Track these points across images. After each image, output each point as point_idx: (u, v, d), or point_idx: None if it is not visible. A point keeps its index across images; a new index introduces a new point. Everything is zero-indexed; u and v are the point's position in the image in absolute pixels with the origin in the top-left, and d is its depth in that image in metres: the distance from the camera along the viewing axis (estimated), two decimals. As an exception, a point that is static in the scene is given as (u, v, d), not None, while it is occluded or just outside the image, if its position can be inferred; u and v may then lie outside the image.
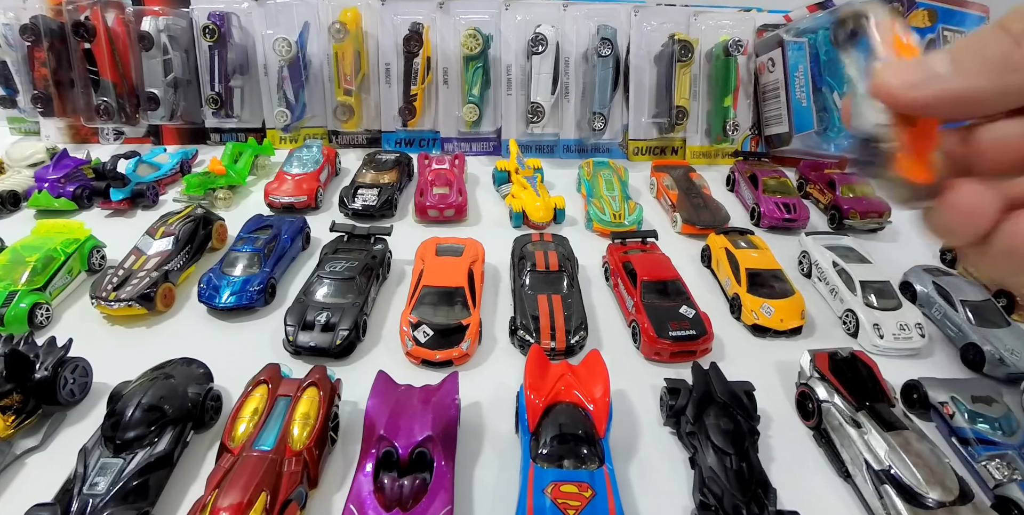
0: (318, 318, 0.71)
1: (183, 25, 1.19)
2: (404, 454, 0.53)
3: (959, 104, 0.21)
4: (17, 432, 0.58)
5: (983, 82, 0.20)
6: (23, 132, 1.29)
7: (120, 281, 0.75)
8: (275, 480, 0.50)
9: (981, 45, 0.21)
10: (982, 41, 0.21)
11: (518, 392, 0.61)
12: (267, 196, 1.00)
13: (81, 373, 0.64)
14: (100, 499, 0.49)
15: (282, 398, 0.57)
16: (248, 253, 0.81)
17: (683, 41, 1.15)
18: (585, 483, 0.51)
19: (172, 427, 0.55)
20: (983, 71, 0.20)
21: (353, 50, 1.15)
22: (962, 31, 1.21)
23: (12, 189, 1.00)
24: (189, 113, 1.23)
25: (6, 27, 1.16)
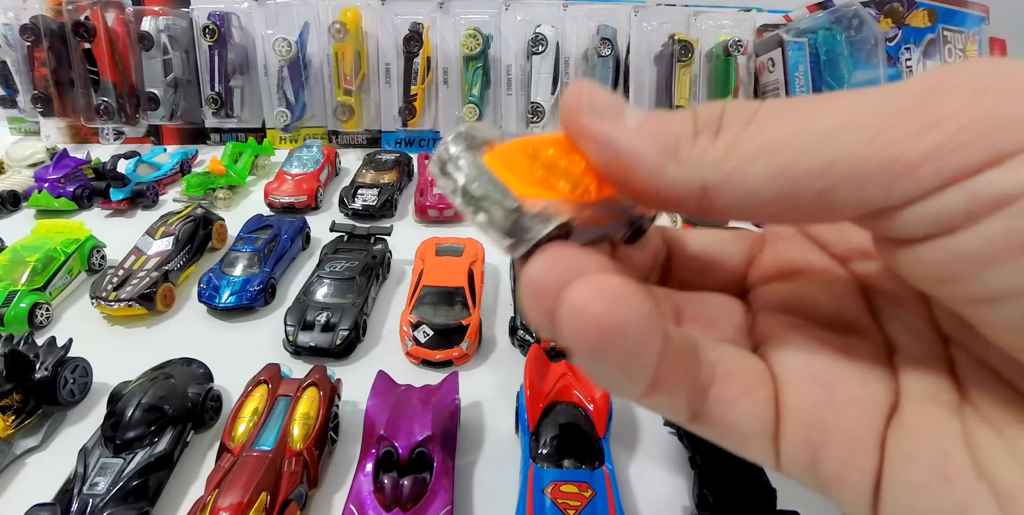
0: (318, 318, 0.71)
1: (183, 25, 1.19)
2: (404, 454, 0.53)
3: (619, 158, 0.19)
4: (17, 432, 0.58)
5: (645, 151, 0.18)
6: (23, 132, 1.29)
7: (120, 281, 0.75)
8: (275, 480, 0.50)
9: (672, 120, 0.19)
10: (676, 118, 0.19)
11: (518, 392, 0.61)
12: (267, 196, 1.00)
13: (81, 373, 0.64)
14: (100, 499, 0.49)
15: (282, 398, 0.57)
16: (248, 253, 0.81)
17: (683, 41, 1.15)
18: (585, 483, 0.51)
19: (172, 427, 0.56)
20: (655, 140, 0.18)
21: (353, 50, 1.15)
22: (962, 31, 1.21)
23: (12, 189, 1.00)
24: (189, 113, 1.23)
25: (6, 27, 1.16)
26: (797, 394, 0.19)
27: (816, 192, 0.16)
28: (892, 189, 0.15)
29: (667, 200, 0.18)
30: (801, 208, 0.17)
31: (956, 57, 1.21)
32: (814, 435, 0.18)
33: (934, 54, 1.20)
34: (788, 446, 0.19)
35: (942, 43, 1.20)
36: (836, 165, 0.16)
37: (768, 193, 0.16)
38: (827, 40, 1.14)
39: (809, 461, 0.18)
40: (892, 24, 1.18)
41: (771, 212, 0.17)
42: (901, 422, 0.18)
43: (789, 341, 0.21)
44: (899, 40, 1.19)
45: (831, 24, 1.15)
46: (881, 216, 0.16)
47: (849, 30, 1.14)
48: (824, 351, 0.20)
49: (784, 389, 0.19)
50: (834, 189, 0.16)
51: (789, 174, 0.16)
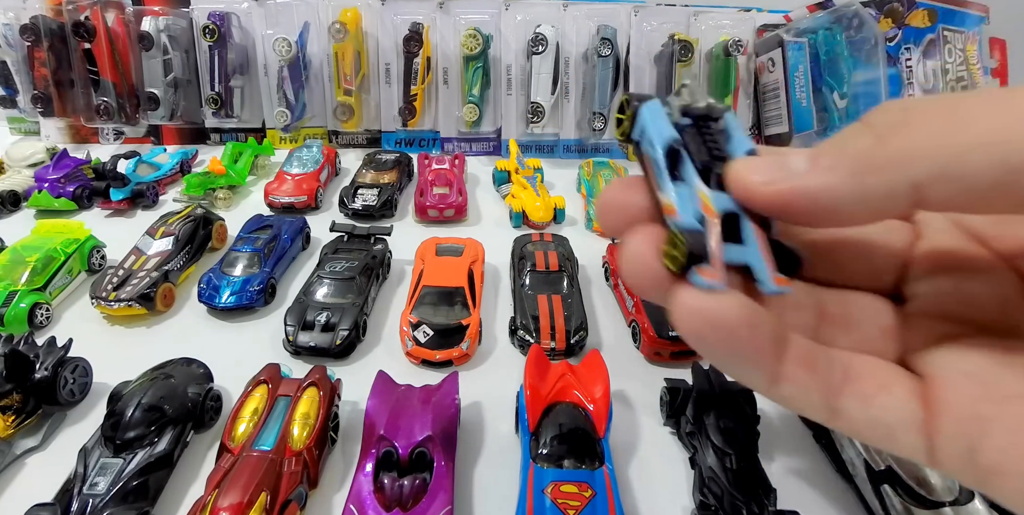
0: (318, 318, 0.71)
1: (183, 25, 1.19)
2: (404, 454, 0.53)
3: (816, 204, 0.18)
4: (17, 432, 0.58)
5: (839, 181, 0.18)
6: (23, 132, 1.29)
7: (120, 281, 0.75)
8: (275, 480, 0.50)
9: (842, 142, 0.19)
10: (844, 138, 0.19)
11: (518, 392, 0.61)
12: (267, 196, 1.00)
13: (81, 373, 0.64)
14: (100, 499, 0.49)
15: (282, 398, 0.57)
16: (248, 253, 0.81)
17: (683, 41, 1.15)
18: (585, 483, 0.51)
19: (172, 427, 0.55)
20: (840, 169, 0.18)
21: (353, 50, 1.15)
22: (962, 31, 1.21)
23: (12, 189, 1.00)
24: (189, 113, 1.23)
25: (6, 27, 1.16)
26: (952, 390, 0.19)
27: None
28: None
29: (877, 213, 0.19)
30: (1016, 197, 0.16)
31: (956, 57, 1.21)
32: (971, 427, 0.19)
33: (934, 54, 1.20)
34: (944, 439, 0.19)
35: (942, 43, 1.20)
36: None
37: (986, 183, 0.16)
38: (827, 40, 1.14)
39: (967, 453, 0.19)
40: (892, 24, 1.18)
41: (988, 201, 0.17)
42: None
43: (944, 342, 0.21)
44: (899, 40, 1.19)
45: (831, 24, 1.15)
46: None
47: (849, 30, 1.14)
48: (982, 350, 0.20)
49: (936, 386, 0.20)
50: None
51: (1011, 163, 0.16)
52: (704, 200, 0.20)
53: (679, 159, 0.21)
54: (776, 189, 0.19)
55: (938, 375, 0.20)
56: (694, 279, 0.19)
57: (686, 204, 0.20)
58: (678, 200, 0.20)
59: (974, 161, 0.16)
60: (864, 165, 0.18)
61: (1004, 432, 0.18)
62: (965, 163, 0.16)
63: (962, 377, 0.19)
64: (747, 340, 0.18)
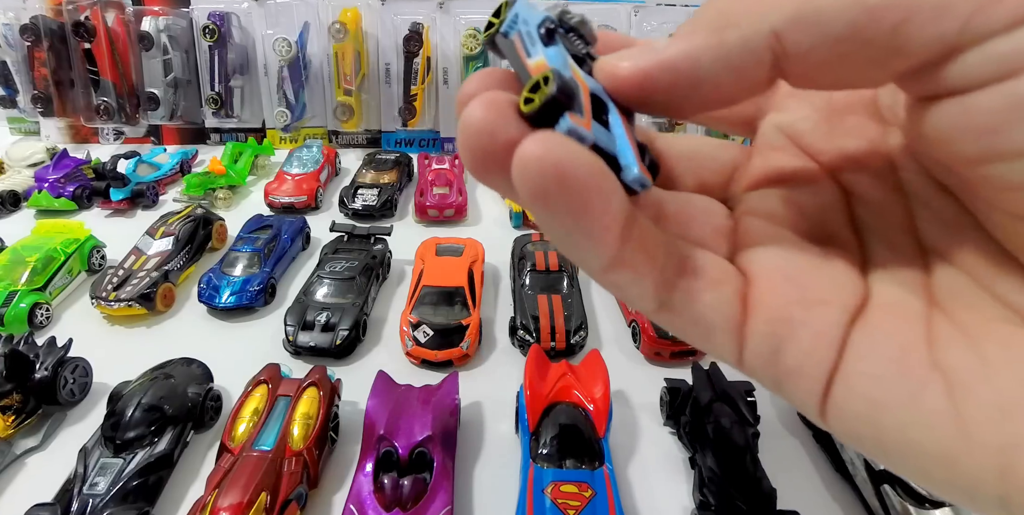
0: (318, 318, 0.71)
1: (183, 25, 1.19)
2: (404, 454, 0.53)
3: (678, 74, 0.18)
4: (17, 432, 0.58)
5: (698, 42, 0.17)
6: (23, 132, 1.29)
7: (120, 281, 0.75)
8: (275, 480, 0.50)
9: (699, 12, 0.18)
10: (704, 5, 0.18)
11: (518, 392, 0.61)
12: (267, 196, 1.00)
13: (81, 373, 0.64)
14: (100, 499, 0.49)
15: (282, 398, 0.57)
16: (248, 253, 0.81)
17: (683, 41, 1.15)
18: (585, 483, 0.51)
19: (172, 427, 0.56)
20: (699, 31, 0.18)
21: (353, 50, 1.15)
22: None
23: (12, 189, 1.00)
24: (189, 113, 1.23)
25: (6, 27, 1.16)
26: (769, 291, 0.19)
27: (893, 23, 0.16)
28: (970, 21, 0.15)
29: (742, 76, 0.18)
30: (874, 46, 0.16)
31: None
32: (780, 328, 0.19)
33: (934, 54, 1.20)
34: (753, 339, 0.19)
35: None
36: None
37: (842, 26, 0.16)
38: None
39: (771, 354, 0.19)
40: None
41: (844, 51, 0.16)
42: (866, 322, 0.19)
43: (768, 244, 0.21)
44: (899, 40, 1.19)
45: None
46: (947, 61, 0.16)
47: (849, 30, 1.14)
48: (801, 255, 0.20)
49: (756, 286, 0.20)
50: (911, 19, 0.15)
51: (866, 2, 0.16)
52: (574, 70, 0.19)
53: (553, 38, 0.20)
54: (638, 65, 0.18)
55: (759, 275, 0.20)
56: (561, 122, 0.16)
57: (559, 63, 0.18)
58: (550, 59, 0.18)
59: (829, 3, 0.16)
60: (722, 20, 0.17)
61: (808, 335, 0.19)
62: (820, 3, 0.16)
63: (780, 279, 0.20)
64: (598, 207, 0.17)
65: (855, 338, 0.18)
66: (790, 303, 0.19)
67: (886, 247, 0.21)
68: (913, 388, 0.17)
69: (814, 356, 0.18)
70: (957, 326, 0.18)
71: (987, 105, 0.15)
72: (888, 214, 0.21)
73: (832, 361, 0.18)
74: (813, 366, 0.18)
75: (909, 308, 0.19)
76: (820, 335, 0.18)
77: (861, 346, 0.18)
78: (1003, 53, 0.15)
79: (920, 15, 0.15)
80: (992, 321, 0.17)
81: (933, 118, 0.17)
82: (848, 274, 0.20)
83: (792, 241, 0.21)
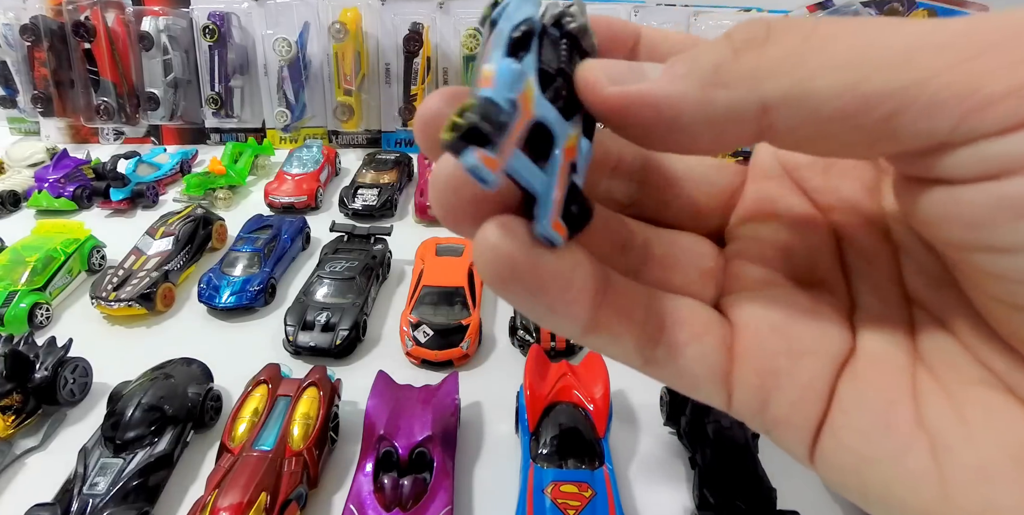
0: (318, 318, 0.71)
1: (183, 25, 1.19)
2: (404, 454, 0.53)
3: (659, 113, 0.17)
4: (17, 432, 0.58)
5: (686, 90, 0.17)
6: (23, 132, 1.29)
7: (120, 281, 0.75)
8: (275, 480, 0.50)
9: (700, 53, 0.18)
10: (703, 50, 0.18)
11: (518, 392, 0.62)
12: (267, 196, 1.00)
13: (81, 373, 0.64)
14: (100, 499, 0.49)
15: (282, 398, 0.57)
16: (248, 253, 0.81)
17: (683, 41, 1.15)
18: (585, 483, 0.51)
19: (172, 427, 0.56)
20: (691, 78, 0.17)
21: (353, 50, 1.15)
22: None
23: (12, 189, 1.00)
24: (189, 113, 1.23)
25: (6, 27, 1.16)
26: (755, 341, 0.19)
27: (884, 114, 0.15)
28: (962, 121, 0.15)
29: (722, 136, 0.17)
30: (864, 131, 0.16)
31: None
32: (767, 380, 0.19)
33: (934, 54, 1.20)
34: (741, 389, 0.19)
35: (942, 43, 1.20)
36: (911, 89, 0.15)
37: (833, 109, 0.16)
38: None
39: (759, 405, 0.19)
40: (892, 24, 1.18)
41: (833, 132, 0.16)
42: (853, 374, 0.19)
43: (756, 289, 0.21)
44: (899, 40, 1.19)
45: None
46: (938, 152, 0.15)
47: (849, 30, 1.14)
48: (789, 302, 0.20)
49: (742, 335, 0.20)
50: (903, 113, 0.15)
51: (860, 90, 0.15)
52: (527, 92, 0.16)
53: (527, 45, 0.17)
54: (622, 90, 0.17)
55: (745, 324, 0.20)
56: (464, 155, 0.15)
57: (506, 81, 0.16)
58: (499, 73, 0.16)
59: (823, 84, 0.16)
60: (715, 77, 0.17)
61: (795, 387, 0.19)
62: (814, 85, 0.16)
63: (767, 328, 0.20)
64: (555, 289, 0.17)
65: (842, 390, 0.19)
66: (777, 354, 0.19)
67: (874, 295, 0.21)
68: (899, 446, 0.17)
69: (802, 408, 0.19)
70: (940, 384, 0.18)
71: (976, 200, 0.15)
72: (877, 261, 0.21)
73: (820, 413, 0.19)
74: (801, 417, 0.19)
75: (894, 361, 0.19)
76: (807, 387, 0.19)
77: (848, 399, 0.18)
78: (994, 155, 0.15)
79: (913, 109, 0.15)
80: (973, 384, 0.18)
81: (921, 199, 0.17)
82: (835, 323, 0.20)
83: (780, 285, 0.21)
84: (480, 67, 0.16)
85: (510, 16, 0.18)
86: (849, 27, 0.16)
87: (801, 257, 0.22)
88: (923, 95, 0.15)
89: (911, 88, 0.15)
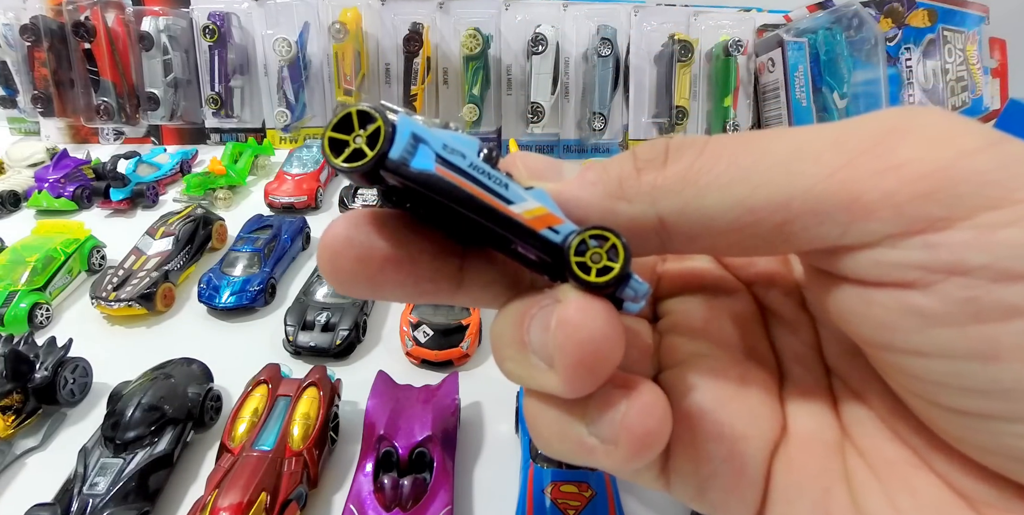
0: (318, 318, 0.71)
1: (183, 25, 1.19)
2: (404, 454, 0.53)
3: (569, 210, 0.18)
4: (17, 432, 0.58)
5: (592, 198, 0.18)
6: (23, 132, 1.29)
7: (120, 281, 0.75)
8: (275, 480, 0.50)
9: (609, 164, 0.19)
10: (612, 161, 0.19)
11: (518, 392, 0.61)
12: (267, 196, 1.00)
13: (81, 373, 0.64)
14: (100, 499, 0.49)
15: (282, 398, 0.57)
16: (248, 253, 0.81)
17: (683, 41, 1.15)
18: (585, 483, 0.51)
19: (172, 427, 0.55)
20: (598, 187, 0.18)
21: (353, 50, 1.15)
22: (962, 31, 1.21)
23: (12, 189, 1.00)
24: (189, 113, 1.23)
25: (6, 27, 1.16)
26: (689, 428, 0.19)
27: (774, 224, 0.16)
28: (849, 228, 0.15)
29: None
30: (760, 237, 0.17)
31: (956, 57, 1.21)
32: (703, 467, 0.19)
33: (934, 54, 1.20)
34: (678, 477, 0.19)
35: (942, 43, 1.20)
36: (795, 200, 0.16)
37: (726, 223, 0.17)
38: (827, 40, 1.14)
39: (697, 490, 0.19)
40: (892, 24, 1.18)
41: (731, 242, 0.17)
42: (787, 457, 0.19)
43: (689, 363, 0.21)
44: (899, 40, 1.19)
45: (831, 24, 1.15)
46: (839, 253, 0.16)
47: (849, 30, 1.14)
48: (721, 378, 0.20)
49: (680, 415, 0.19)
50: (792, 221, 0.16)
51: (747, 204, 0.16)
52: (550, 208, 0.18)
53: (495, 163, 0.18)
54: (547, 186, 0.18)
55: (681, 404, 0.20)
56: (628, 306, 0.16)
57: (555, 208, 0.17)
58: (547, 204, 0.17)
59: (713, 201, 0.16)
60: (619, 191, 0.18)
61: (730, 473, 0.19)
62: (705, 202, 0.17)
63: (700, 414, 0.19)
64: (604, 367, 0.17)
65: (777, 476, 0.19)
66: (709, 440, 0.19)
67: (799, 365, 0.21)
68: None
69: (738, 493, 0.19)
70: (867, 463, 0.18)
71: (886, 304, 0.16)
72: (798, 332, 0.22)
73: (758, 498, 0.19)
74: (739, 504, 0.19)
75: (823, 439, 0.19)
76: (741, 474, 0.19)
77: (784, 486, 0.19)
78: (892, 263, 0.15)
79: (801, 219, 0.16)
80: (897, 463, 0.18)
81: (832, 295, 0.17)
82: (766, 399, 0.20)
83: (714, 357, 0.21)
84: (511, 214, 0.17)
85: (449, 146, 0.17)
86: (735, 143, 0.17)
87: (730, 328, 0.22)
88: (806, 205, 0.16)
89: (795, 199, 0.16)
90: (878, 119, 0.16)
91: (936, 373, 0.15)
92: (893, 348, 0.16)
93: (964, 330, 0.14)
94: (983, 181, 0.14)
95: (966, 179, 0.14)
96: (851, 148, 0.16)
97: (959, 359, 0.15)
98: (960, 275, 0.14)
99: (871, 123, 0.16)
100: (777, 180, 0.16)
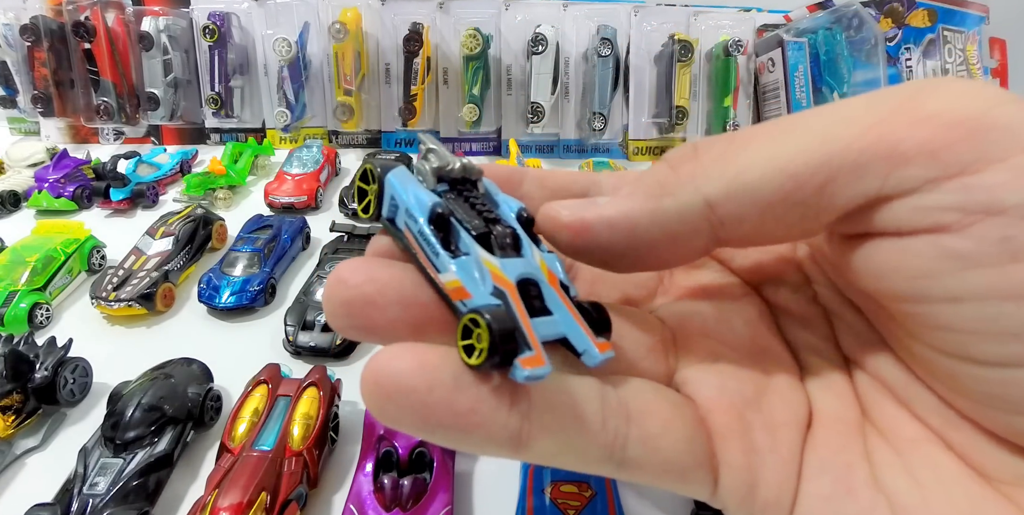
0: (318, 318, 0.71)
1: (183, 25, 1.19)
2: (404, 454, 0.53)
3: (615, 230, 0.18)
4: (17, 432, 0.58)
5: (636, 205, 0.18)
6: (23, 132, 1.29)
7: (120, 281, 0.75)
8: (275, 480, 0.50)
9: (641, 176, 0.20)
10: (644, 173, 0.20)
11: (518, 392, 0.61)
12: (267, 196, 1.00)
13: (81, 373, 0.64)
14: (100, 499, 0.49)
15: (282, 398, 0.57)
16: (248, 253, 0.81)
17: (683, 41, 1.15)
18: (585, 483, 0.51)
19: (172, 427, 0.56)
20: (637, 195, 0.19)
21: (353, 50, 1.15)
22: (962, 31, 1.21)
23: (12, 189, 1.00)
24: (189, 113, 1.23)
25: (6, 27, 1.16)
26: (730, 418, 0.19)
27: (816, 186, 0.16)
28: (888, 178, 0.16)
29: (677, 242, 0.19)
30: (804, 205, 0.17)
31: (956, 57, 1.21)
32: (752, 459, 0.19)
33: (934, 54, 1.20)
34: (728, 472, 0.19)
35: (942, 43, 1.20)
36: (834, 158, 0.16)
37: (770, 192, 0.17)
38: (827, 40, 1.14)
39: (747, 488, 0.19)
40: (892, 24, 1.18)
41: (777, 216, 0.17)
42: (813, 439, 0.19)
43: (709, 362, 0.21)
44: (899, 40, 1.19)
45: (831, 24, 1.15)
46: (877, 207, 0.16)
47: (849, 30, 1.14)
48: (746, 374, 0.21)
49: (713, 413, 0.19)
50: (834, 180, 0.16)
51: (789, 170, 0.17)
52: (493, 270, 0.17)
53: (450, 229, 0.18)
54: (579, 215, 0.19)
55: (711, 400, 0.20)
56: (516, 373, 0.16)
57: (474, 280, 0.17)
58: (463, 276, 0.17)
59: (756, 174, 0.17)
60: (661, 189, 0.18)
61: (777, 463, 0.19)
62: (748, 176, 0.17)
63: (740, 403, 0.20)
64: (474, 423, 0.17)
65: (807, 457, 0.19)
66: (756, 429, 0.19)
67: (816, 356, 0.22)
68: (861, 511, 0.18)
69: (786, 486, 0.19)
70: (887, 442, 0.19)
71: (922, 251, 0.16)
72: (811, 325, 0.22)
73: (794, 485, 0.19)
74: (784, 493, 0.19)
75: (846, 420, 0.20)
76: (788, 461, 0.19)
77: (812, 465, 0.19)
78: (929, 207, 0.16)
79: (841, 176, 0.16)
80: (917, 442, 0.18)
81: (864, 254, 0.18)
82: (793, 389, 0.21)
83: (730, 357, 0.21)
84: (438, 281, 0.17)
85: (408, 209, 0.18)
86: (764, 128, 0.18)
87: (742, 330, 0.22)
88: (846, 161, 0.16)
89: (834, 158, 0.16)
90: (906, 85, 0.17)
91: (972, 319, 0.16)
92: (930, 298, 0.16)
93: (1001, 269, 0.15)
94: (1015, 127, 0.15)
95: (999, 125, 0.15)
96: (883, 108, 0.16)
97: (996, 300, 0.15)
98: (996, 215, 0.15)
99: (899, 88, 0.17)
100: (814, 145, 0.16)
